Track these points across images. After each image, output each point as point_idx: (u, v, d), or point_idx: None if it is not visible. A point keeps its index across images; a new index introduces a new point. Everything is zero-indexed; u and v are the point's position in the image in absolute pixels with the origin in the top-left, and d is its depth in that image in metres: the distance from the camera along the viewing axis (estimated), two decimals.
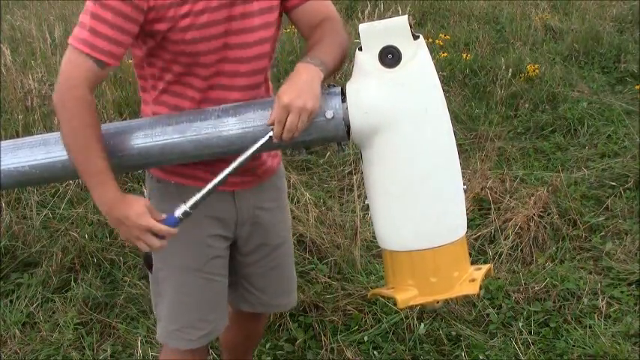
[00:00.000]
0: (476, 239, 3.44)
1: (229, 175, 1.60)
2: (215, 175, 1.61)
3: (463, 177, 1.70)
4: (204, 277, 1.87)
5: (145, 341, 2.82)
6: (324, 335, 2.80)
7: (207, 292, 1.89)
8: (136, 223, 1.56)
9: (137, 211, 1.56)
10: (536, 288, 3.04)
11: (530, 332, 2.81)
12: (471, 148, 4.49)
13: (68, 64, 1.59)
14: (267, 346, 2.77)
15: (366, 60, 1.57)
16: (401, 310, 2.81)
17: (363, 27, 1.57)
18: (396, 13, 5.95)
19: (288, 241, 2.08)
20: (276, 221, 1.99)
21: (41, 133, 4.02)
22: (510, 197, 3.70)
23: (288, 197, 3.62)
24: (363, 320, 2.87)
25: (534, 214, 3.47)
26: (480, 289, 1.73)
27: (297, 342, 2.79)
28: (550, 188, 3.71)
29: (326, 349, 2.75)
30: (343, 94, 1.60)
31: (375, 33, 1.56)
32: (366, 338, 2.79)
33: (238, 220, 1.90)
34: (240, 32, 1.68)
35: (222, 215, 1.86)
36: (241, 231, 1.92)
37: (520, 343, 2.74)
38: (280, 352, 2.76)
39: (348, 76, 1.73)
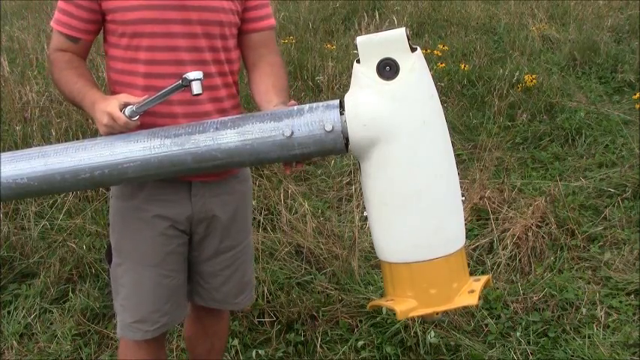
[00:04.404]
0: (474, 249, 3.44)
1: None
2: None
3: (461, 187, 1.70)
4: (161, 273, 1.97)
5: None
6: (321, 344, 2.80)
7: (162, 287, 1.98)
8: (102, 109, 1.73)
9: (108, 100, 1.74)
10: (535, 298, 3.04)
11: (529, 342, 2.81)
12: (469, 159, 4.50)
13: (51, 39, 1.93)
14: (262, 352, 2.77)
15: (364, 72, 1.57)
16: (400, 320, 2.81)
17: (360, 39, 1.57)
18: (393, 25, 5.98)
19: (244, 245, 2.14)
20: (232, 224, 2.06)
21: (39, 145, 4.05)
22: (508, 207, 3.71)
23: (286, 208, 3.65)
24: (360, 329, 2.87)
25: (532, 224, 3.48)
26: (479, 299, 1.72)
27: (292, 345, 2.81)
28: (548, 198, 3.71)
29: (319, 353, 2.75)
30: (342, 106, 1.60)
31: (373, 45, 1.56)
32: (360, 343, 2.79)
33: (194, 216, 1.98)
34: None
35: (173, 213, 1.94)
36: (197, 228, 2.00)
37: (519, 353, 2.75)
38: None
39: (346, 87, 1.74)
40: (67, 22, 1.86)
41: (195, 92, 1.62)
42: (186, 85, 1.62)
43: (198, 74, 1.62)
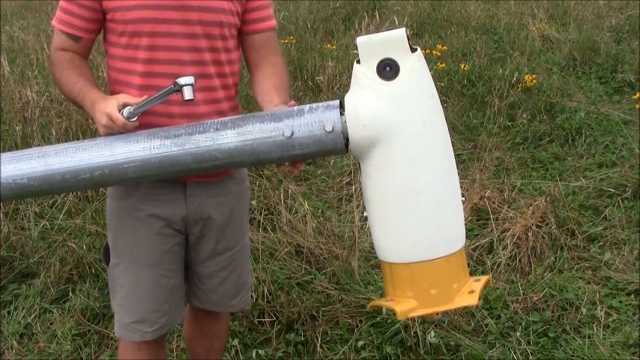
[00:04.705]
0: (474, 249, 3.44)
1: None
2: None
3: (461, 187, 1.70)
4: (159, 272, 1.96)
5: None
6: (321, 344, 2.80)
7: (161, 287, 1.98)
8: (101, 109, 1.73)
9: (108, 101, 1.74)
10: (535, 298, 3.04)
11: (529, 342, 2.81)
12: (469, 159, 4.50)
13: (53, 38, 1.94)
14: (262, 352, 2.77)
15: (364, 73, 1.57)
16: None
17: (360, 40, 1.57)
18: (394, 25, 5.98)
19: (241, 246, 2.14)
20: (228, 226, 2.05)
21: (39, 145, 4.05)
22: (508, 207, 3.71)
23: (286, 208, 3.65)
24: (360, 329, 2.87)
25: (532, 224, 3.48)
26: (479, 299, 1.72)
27: (292, 345, 2.82)
28: (548, 198, 3.71)
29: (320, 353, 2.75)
30: (342, 106, 1.61)
31: (373, 46, 1.56)
32: (360, 343, 2.79)
33: (189, 217, 1.97)
34: None
35: (167, 213, 1.94)
36: (192, 229, 2.00)
37: (519, 353, 2.75)
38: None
39: (346, 88, 1.74)
40: (68, 20, 1.86)
41: (186, 98, 1.62)
42: (178, 89, 1.62)
43: (190, 79, 1.62)
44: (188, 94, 1.62)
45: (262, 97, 1.92)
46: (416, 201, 1.58)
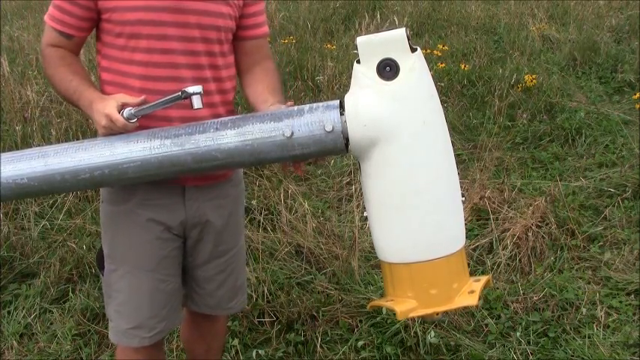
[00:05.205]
0: (474, 249, 3.44)
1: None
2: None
3: (461, 187, 1.70)
4: (157, 277, 1.95)
5: None
6: (321, 344, 2.80)
7: (159, 292, 1.96)
8: (100, 110, 1.73)
9: (106, 101, 1.74)
10: (535, 298, 3.05)
11: (529, 342, 2.81)
12: (469, 159, 4.50)
13: (43, 34, 1.92)
14: (262, 352, 2.77)
15: (364, 72, 1.57)
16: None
17: (361, 40, 1.57)
18: (394, 25, 5.98)
19: (238, 248, 2.13)
20: (225, 229, 2.05)
21: (39, 145, 4.05)
22: (509, 207, 3.71)
23: (287, 208, 3.65)
24: (360, 329, 2.87)
25: (532, 224, 3.48)
26: (479, 299, 1.72)
27: (292, 345, 2.82)
28: (548, 198, 3.71)
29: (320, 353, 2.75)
30: (342, 106, 1.60)
31: (373, 46, 1.56)
32: (360, 343, 2.78)
33: (188, 221, 1.96)
34: None
35: (166, 217, 1.93)
36: (191, 232, 1.99)
37: (519, 353, 2.75)
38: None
39: (346, 88, 1.74)
40: (60, 18, 1.84)
41: (195, 107, 1.63)
42: (185, 97, 1.63)
43: (198, 88, 1.63)
44: (197, 103, 1.64)
45: (256, 97, 1.92)
46: (416, 201, 1.58)
